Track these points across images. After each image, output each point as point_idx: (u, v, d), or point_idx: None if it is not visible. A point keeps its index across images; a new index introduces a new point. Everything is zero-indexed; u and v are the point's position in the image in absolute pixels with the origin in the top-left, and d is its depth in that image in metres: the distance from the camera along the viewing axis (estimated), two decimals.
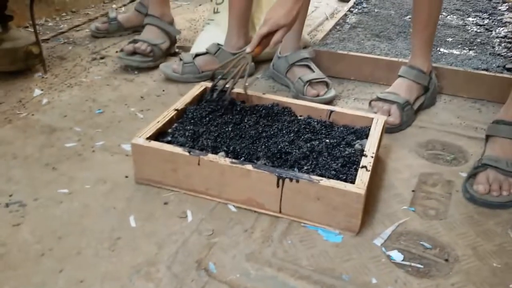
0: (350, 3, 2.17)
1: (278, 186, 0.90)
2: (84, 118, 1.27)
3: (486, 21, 2.04)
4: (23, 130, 1.20)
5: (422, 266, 0.84)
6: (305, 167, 0.95)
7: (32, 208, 0.93)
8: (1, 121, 1.23)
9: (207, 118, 1.09)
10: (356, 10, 2.12)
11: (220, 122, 1.08)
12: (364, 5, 2.18)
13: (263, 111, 1.14)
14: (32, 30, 1.46)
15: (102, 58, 1.65)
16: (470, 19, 2.07)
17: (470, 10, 2.19)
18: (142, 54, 1.55)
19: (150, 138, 0.99)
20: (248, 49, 1.12)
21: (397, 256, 0.86)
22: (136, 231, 0.89)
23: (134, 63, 1.54)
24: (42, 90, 1.40)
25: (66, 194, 0.98)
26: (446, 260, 0.85)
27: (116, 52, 1.71)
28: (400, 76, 1.35)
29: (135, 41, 1.56)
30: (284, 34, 1.11)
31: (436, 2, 1.30)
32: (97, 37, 1.84)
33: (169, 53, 1.68)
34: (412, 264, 0.84)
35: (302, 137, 1.06)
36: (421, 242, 0.89)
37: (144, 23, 1.67)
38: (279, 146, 1.01)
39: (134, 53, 1.55)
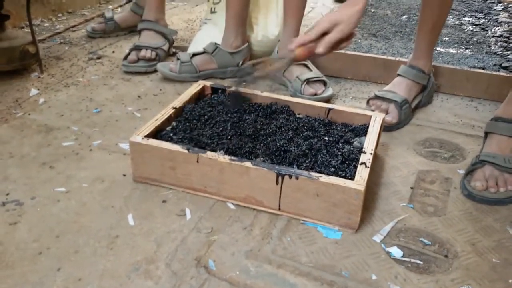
0: None
1: (277, 183, 0.90)
2: (81, 117, 1.26)
3: (482, 21, 2.05)
4: (19, 130, 1.19)
5: (421, 262, 0.84)
6: (304, 164, 0.95)
7: (29, 206, 0.93)
8: None
9: (205, 117, 1.09)
10: None
11: (218, 120, 1.08)
12: None
13: (261, 109, 1.14)
14: (28, 30, 1.45)
15: (98, 58, 1.65)
16: (466, 18, 2.08)
17: (466, 10, 2.20)
18: (148, 60, 1.55)
19: (148, 136, 0.98)
20: (290, 46, 0.93)
21: (396, 252, 0.86)
22: (135, 229, 0.88)
23: (141, 69, 1.53)
24: (38, 89, 1.40)
25: (63, 192, 0.97)
26: (446, 256, 0.85)
27: (113, 52, 1.71)
28: (399, 75, 1.35)
29: (136, 48, 1.56)
30: (338, 35, 0.91)
31: (445, 6, 1.29)
32: (94, 37, 1.84)
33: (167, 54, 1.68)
34: (412, 260, 0.84)
35: (301, 135, 1.06)
36: (420, 239, 0.89)
37: (139, 28, 1.66)
38: (278, 144, 1.00)
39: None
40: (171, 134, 1.03)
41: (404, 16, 2.07)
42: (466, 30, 1.92)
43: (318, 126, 1.09)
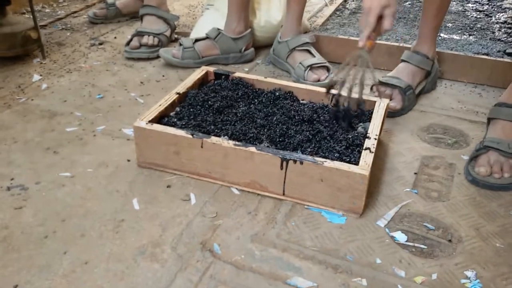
0: None
1: (282, 168, 0.90)
2: (84, 103, 1.26)
3: (485, 7, 2.03)
4: (23, 115, 1.19)
5: (425, 247, 0.84)
6: (309, 150, 0.95)
7: (34, 191, 0.93)
8: (0, 106, 1.22)
9: (209, 102, 1.09)
10: None
11: (222, 106, 1.08)
12: None
13: (265, 95, 1.14)
14: (29, 15, 1.44)
15: (100, 44, 1.64)
16: (470, 5, 2.07)
17: None
18: (150, 46, 1.54)
19: (152, 121, 0.98)
20: (361, 43, 1.00)
21: (400, 237, 0.86)
22: (140, 214, 0.88)
23: (143, 55, 1.53)
24: (41, 75, 1.39)
25: (68, 177, 0.97)
26: (450, 240, 0.86)
27: (115, 38, 1.70)
28: (403, 60, 1.34)
29: (139, 34, 1.55)
30: (392, 15, 0.99)
31: None
32: (95, 23, 1.83)
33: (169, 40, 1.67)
34: (416, 244, 0.84)
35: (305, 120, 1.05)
36: (424, 223, 0.89)
37: (140, 14, 1.65)
38: (282, 130, 1.00)
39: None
40: (175, 120, 1.02)
41: (408, 2, 2.05)
42: (469, 16, 1.91)
43: (322, 112, 1.09)
